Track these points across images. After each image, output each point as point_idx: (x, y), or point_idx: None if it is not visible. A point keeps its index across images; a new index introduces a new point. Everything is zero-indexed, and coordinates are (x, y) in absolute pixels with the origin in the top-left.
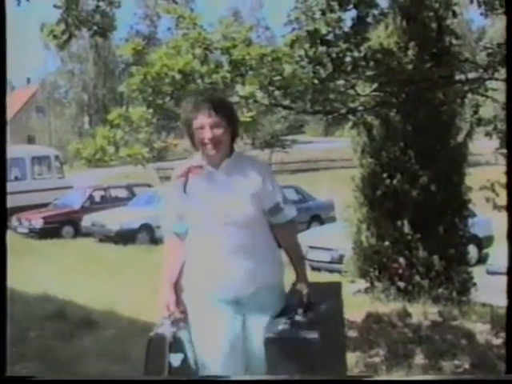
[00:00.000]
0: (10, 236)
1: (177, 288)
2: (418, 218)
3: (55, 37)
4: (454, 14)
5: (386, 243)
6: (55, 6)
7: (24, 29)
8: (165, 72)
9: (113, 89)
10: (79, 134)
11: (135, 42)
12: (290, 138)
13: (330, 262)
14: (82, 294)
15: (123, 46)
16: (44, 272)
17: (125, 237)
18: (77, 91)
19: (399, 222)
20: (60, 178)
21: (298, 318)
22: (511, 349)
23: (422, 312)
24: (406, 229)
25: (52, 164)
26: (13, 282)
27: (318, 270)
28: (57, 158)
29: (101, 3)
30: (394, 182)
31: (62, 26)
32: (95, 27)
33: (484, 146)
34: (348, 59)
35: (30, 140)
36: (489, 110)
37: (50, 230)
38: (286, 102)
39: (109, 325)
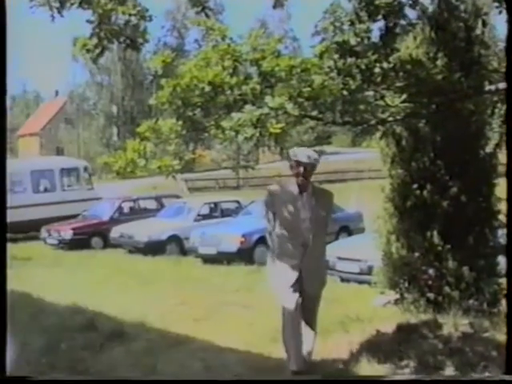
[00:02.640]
0: (39, 247)
1: None
2: (447, 228)
3: (88, 51)
4: (484, 24)
5: (416, 254)
6: (88, 21)
7: (53, 42)
8: (194, 84)
9: (141, 100)
10: (107, 145)
11: (164, 55)
12: (317, 148)
13: (359, 273)
14: (112, 306)
15: (153, 59)
16: (74, 283)
17: (154, 248)
18: (105, 103)
19: (429, 233)
20: (89, 189)
21: None
22: (511, 349)
23: (453, 323)
24: (436, 240)
25: (81, 175)
26: (43, 293)
27: (347, 281)
28: (86, 169)
29: (132, 17)
30: (424, 192)
31: (95, 40)
32: (128, 41)
33: None
34: (377, 70)
35: (59, 152)
36: None
37: (80, 242)
38: (316, 113)
39: (139, 336)
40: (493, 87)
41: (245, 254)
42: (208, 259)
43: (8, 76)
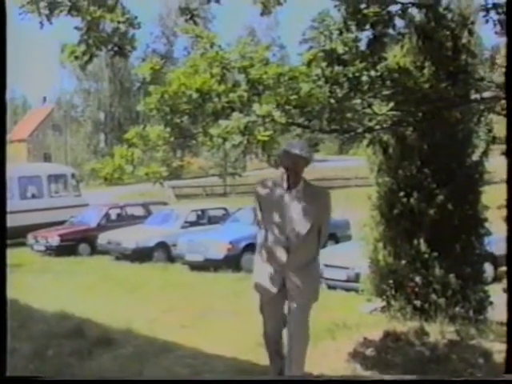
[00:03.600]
0: (26, 254)
1: None
2: (434, 236)
3: (76, 58)
4: (470, 33)
5: (403, 262)
6: (76, 28)
7: (41, 48)
8: (182, 91)
9: (128, 107)
10: (95, 152)
11: (153, 62)
12: None
13: (346, 281)
14: (99, 312)
15: (141, 66)
16: (61, 290)
17: (141, 255)
18: (93, 110)
19: (416, 241)
20: (76, 195)
21: None
22: (511, 349)
23: (439, 331)
24: (423, 247)
25: (68, 182)
26: (30, 299)
27: (334, 288)
28: (73, 176)
29: (121, 25)
30: (411, 200)
31: (83, 47)
32: (116, 48)
33: (499, 163)
34: (365, 78)
35: (47, 158)
36: (504, 128)
37: (67, 248)
38: (303, 121)
39: (126, 343)
40: (479, 96)
41: (232, 261)
42: (195, 266)
43: None
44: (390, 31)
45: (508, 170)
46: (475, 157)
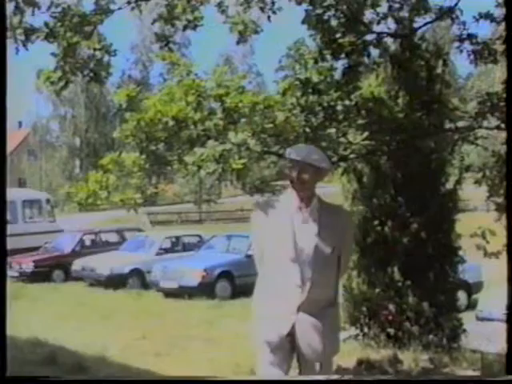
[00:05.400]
0: None
1: None
2: (408, 264)
3: (52, 83)
4: (445, 63)
5: (377, 290)
6: (53, 54)
7: (17, 73)
8: (158, 118)
9: (104, 133)
10: (70, 177)
11: (129, 89)
12: (279, 183)
13: None
14: (72, 339)
15: (117, 93)
16: (35, 316)
17: (115, 281)
18: (68, 135)
19: (390, 269)
20: (51, 221)
21: None
22: (511, 349)
23: (413, 359)
24: (397, 276)
25: (43, 207)
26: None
27: None
28: (48, 201)
29: (97, 52)
30: (385, 228)
31: (59, 73)
32: (91, 74)
33: (473, 192)
34: (339, 108)
35: (21, 183)
36: (478, 157)
37: (41, 274)
38: (278, 149)
39: (100, 370)
40: (453, 125)
41: (206, 289)
42: (169, 293)
43: None
44: (365, 60)
45: (507, 190)
46: (449, 185)
